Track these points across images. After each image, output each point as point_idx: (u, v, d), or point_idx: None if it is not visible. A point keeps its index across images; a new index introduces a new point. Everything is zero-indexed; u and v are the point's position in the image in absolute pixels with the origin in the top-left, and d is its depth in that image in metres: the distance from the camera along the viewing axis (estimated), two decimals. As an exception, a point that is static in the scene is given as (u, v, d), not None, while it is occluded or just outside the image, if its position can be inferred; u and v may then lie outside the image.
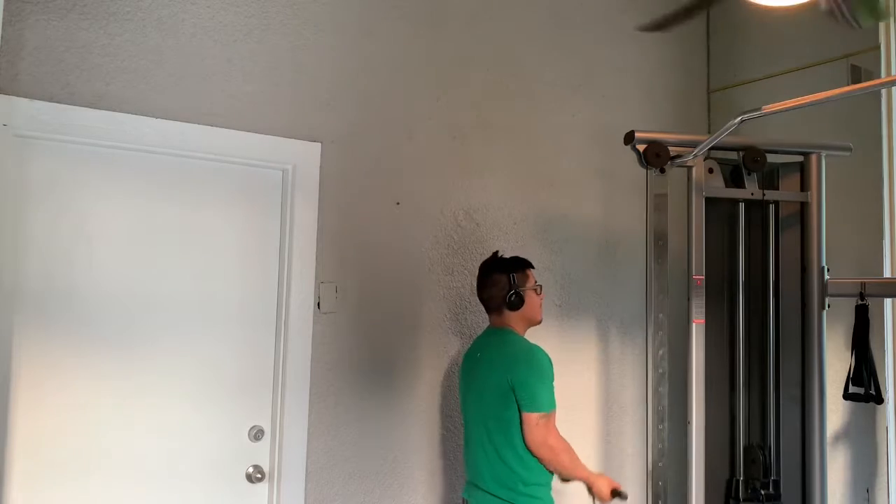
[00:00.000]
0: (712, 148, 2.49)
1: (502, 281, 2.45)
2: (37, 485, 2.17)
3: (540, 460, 2.29)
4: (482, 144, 3.01)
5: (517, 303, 2.43)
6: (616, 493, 2.38)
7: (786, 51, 3.33)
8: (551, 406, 2.29)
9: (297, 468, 2.53)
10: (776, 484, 2.66)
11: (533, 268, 2.54)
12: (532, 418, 2.26)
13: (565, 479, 2.39)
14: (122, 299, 2.32)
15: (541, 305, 2.53)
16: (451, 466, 2.85)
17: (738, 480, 2.68)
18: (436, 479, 2.83)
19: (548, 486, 2.34)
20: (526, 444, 2.28)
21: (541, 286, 2.54)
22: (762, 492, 2.64)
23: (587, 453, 3.12)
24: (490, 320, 2.54)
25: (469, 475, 2.46)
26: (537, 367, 2.31)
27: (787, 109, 2.18)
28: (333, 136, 2.66)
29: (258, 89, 2.51)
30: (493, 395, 2.33)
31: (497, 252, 2.57)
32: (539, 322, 2.53)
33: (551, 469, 2.30)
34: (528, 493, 2.29)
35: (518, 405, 2.28)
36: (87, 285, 2.27)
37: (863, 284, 2.51)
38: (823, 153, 2.69)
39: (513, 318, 2.45)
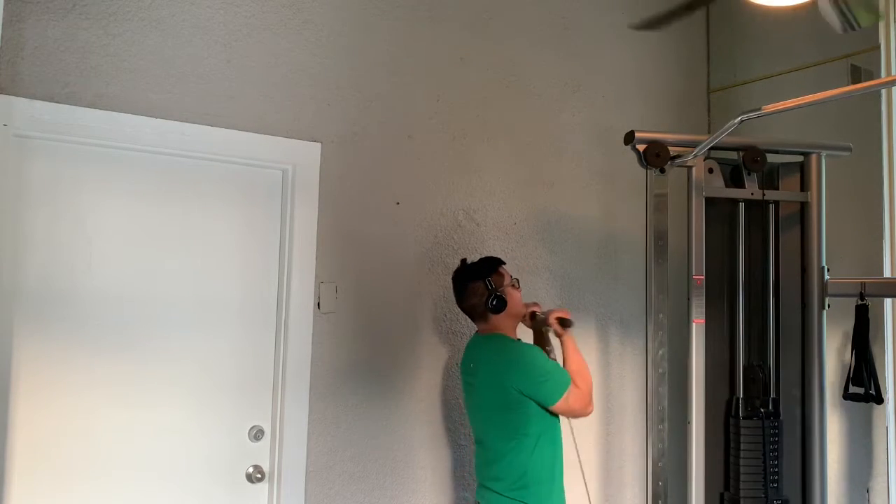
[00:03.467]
0: (712, 148, 2.49)
1: (479, 288, 2.41)
2: (37, 485, 2.17)
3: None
4: (482, 144, 3.01)
5: (500, 305, 2.40)
6: (564, 322, 2.45)
7: (786, 51, 3.33)
8: (565, 381, 2.30)
9: (297, 468, 2.53)
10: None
11: (504, 263, 2.51)
12: (560, 406, 2.29)
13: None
14: (122, 299, 2.32)
15: (521, 298, 2.50)
16: (452, 466, 2.85)
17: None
18: (436, 479, 2.82)
19: (559, 481, 2.34)
20: (571, 418, 2.41)
21: (517, 280, 2.51)
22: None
23: (587, 453, 3.12)
24: (477, 327, 2.52)
25: (480, 478, 2.45)
26: (530, 362, 2.31)
27: (787, 109, 2.18)
28: (333, 136, 2.66)
29: (258, 89, 2.51)
30: (495, 404, 2.33)
31: (465, 259, 2.55)
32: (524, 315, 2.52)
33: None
34: (539, 491, 2.29)
35: (540, 405, 2.29)
36: (87, 285, 2.27)
37: (863, 284, 2.51)
38: (823, 153, 2.69)
39: (500, 321, 2.43)
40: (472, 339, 2.54)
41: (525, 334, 2.53)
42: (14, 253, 2.16)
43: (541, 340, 2.54)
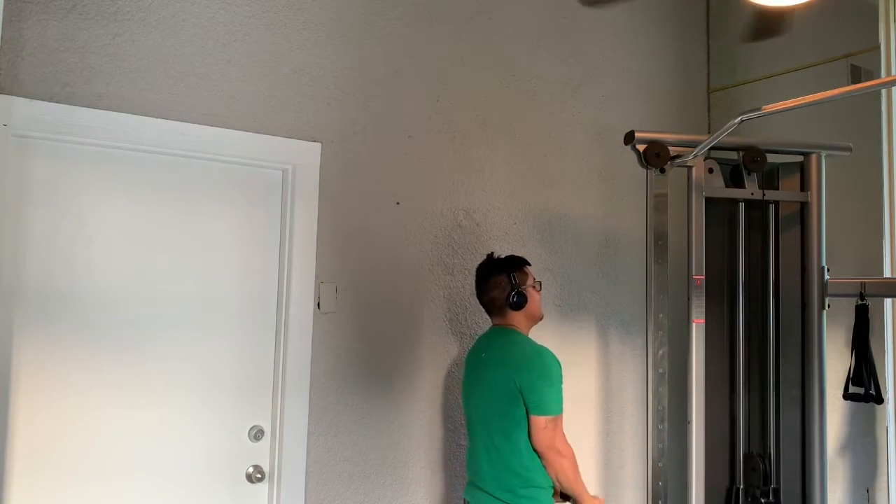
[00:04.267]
0: (712, 148, 2.49)
1: (503, 282, 2.43)
2: (37, 485, 2.17)
3: (544, 463, 2.28)
4: (482, 144, 3.01)
5: (521, 302, 2.41)
6: None
7: (786, 51, 3.34)
8: (559, 409, 2.28)
9: (297, 468, 2.53)
10: (776, 492, 2.66)
11: (530, 265, 2.53)
12: (540, 421, 2.25)
13: (561, 497, 2.37)
14: (122, 299, 2.32)
15: (540, 301, 2.52)
16: (452, 466, 2.86)
17: (738, 489, 2.68)
18: (436, 479, 2.83)
19: (549, 489, 2.33)
20: (533, 446, 2.27)
21: (540, 283, 2.53)
22: (762, 500, 2.64)
23: (587, 453, 3.13)
24: (493, 321, 2.53)
25: (470, 475, 2.45)
26: (546, 370, 2.29)
27: (787, 109, 2.18)
28: (333, 136, 2.66)
29: (258, 89, 2.52)
30: (498, 396, 2.32)
31: (492, 253, 2.56)
32: (541, 318, 2.53)
33: (552, 474, 2.29)
34: (529, 495, 2.27)
35: (526, 408, 2.27)
36: (87, 285, 2.27)
37: (863, 284, 2.51)
38: (823, 153, 2.69)
39: (516, 318, 2.44)
40: (488, 332, 2.54)
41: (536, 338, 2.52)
42: (14, 253, 2.16)
43: None
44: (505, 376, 2.31)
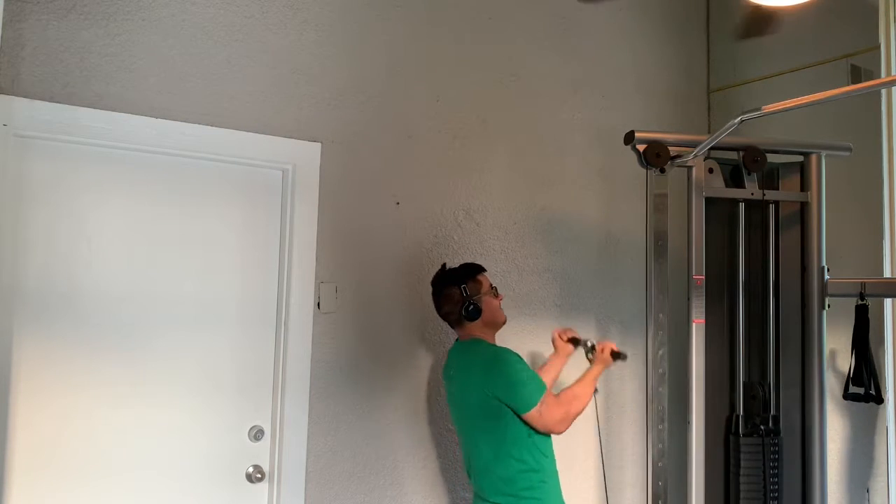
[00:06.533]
0: (712, 148, 2.49)
1: (455, 294, 2.38)
2: (37, 485, 2.17)
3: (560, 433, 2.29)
4: (482, 144, 3.01)
5: (475, 313, 2.36)
6: (616, 355, 2.45)
7: (786, 51, 3.33)
8: (540, 390, 2.24)
9: (297, 468, 2.53)
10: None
11: (485, 271, 2.47)
12: (533, 415, 2.23)
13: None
14: (122, 299, 2.32)
15: (500, 306, 2.45)
16: (452, 466, 2.85)
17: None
18: (436, 479, 2.82)
19: (550, 479, 2.31)
20: (543, 434, 2.27)
21: (496, 288, 2.47)
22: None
23: (587, 453, 3.12)
24: (456, 333, 2.49)
25: (474, 487, 2.42)
26: (508, 368, 2.26)
27: (787, 109, 2.17)
28: (333, 136, 2.66)
29: (258, 89, 2.52)
30: (476, 410, 2.30)
31: (444, 265, 2.51)
32: (503, 322, 2.47)
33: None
34: (532, 495, 2.27)
35: (513, 410, 2.24)
36: (87, 285, 2.27)
37: (863, 284, 2.51)
38: (823, 153, 2.69)
39: (476, 328, 2.40)
40: (453, 347, 2.51)
41: (503, 343, 2.50)
42: (14, 253, 2.16)
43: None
44: (476, 390, 2.28)
